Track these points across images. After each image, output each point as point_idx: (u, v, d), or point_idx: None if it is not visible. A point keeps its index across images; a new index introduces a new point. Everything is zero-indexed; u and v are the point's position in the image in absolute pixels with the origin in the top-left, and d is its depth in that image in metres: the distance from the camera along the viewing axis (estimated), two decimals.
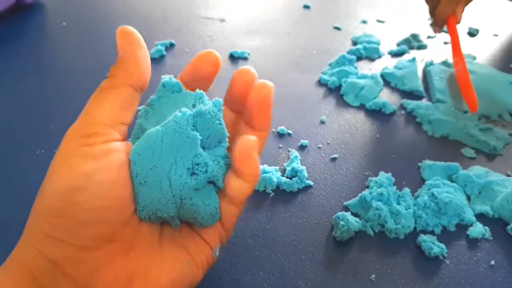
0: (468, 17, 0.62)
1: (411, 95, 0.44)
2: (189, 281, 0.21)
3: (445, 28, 0.49)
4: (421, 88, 0.44)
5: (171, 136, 0.20)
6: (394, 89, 0.45)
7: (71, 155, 0.18)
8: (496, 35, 0.58)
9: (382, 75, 0.46)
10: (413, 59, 0.49)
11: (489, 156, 0.37)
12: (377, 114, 0.41)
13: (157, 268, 0.20)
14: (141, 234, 0.20)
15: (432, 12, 0.48)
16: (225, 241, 0.23)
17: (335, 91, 0.44)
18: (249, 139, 0.20)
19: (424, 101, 0.43)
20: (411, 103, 0.42)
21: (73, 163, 0.18)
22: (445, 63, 0.49)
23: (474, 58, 0.52)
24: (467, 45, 0.55)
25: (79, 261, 0.18)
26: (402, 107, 0.43)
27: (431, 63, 0.49)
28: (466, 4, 0.46)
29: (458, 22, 0.46)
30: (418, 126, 0.40)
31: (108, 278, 0.19)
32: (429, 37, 0.56)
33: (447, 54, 0.51)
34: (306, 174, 0.34)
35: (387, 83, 0.46)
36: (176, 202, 0.21)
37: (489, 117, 0.42)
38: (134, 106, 0.22)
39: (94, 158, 0.18)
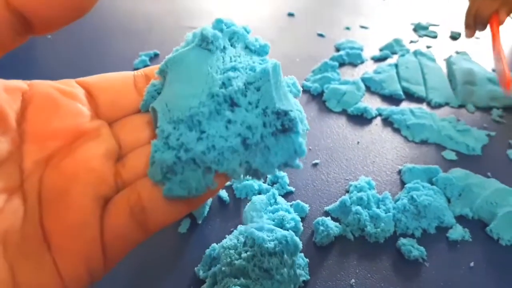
0: (450, 22, 0.63)
1: (391, 98, 0.45)
2: None
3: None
4: (400, 92, 0.45)
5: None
6: (375, 93, 0.46)
7: None
8: (477, 38, 0.59)
9: (362, 80, 0.47)
10: (392, 64, 0.50)
11: (470, 157, 0.38)
12: (358, 119, 0.42)
13: None
14: None
15: (471, 12, 0.47)
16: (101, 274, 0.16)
17: (317, 97, 0.45)
18: None
19: (402, 106, 0.44)
20: (385, 110, 0.42)
21: None
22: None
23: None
24: (449, 48, 0.55)
25: None
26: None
27: (453, 61, 0.51)
28: (511, 10, 0.45)
29: (502, 23, 0.45)
30: (398, 130, 0.41)
31: None
32: (411, 41, 0.57)
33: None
34: (287, 181, 0.34)
35: (367, 88, 0.46)
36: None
37: (465, 105, 0.45)
38: None
39: None
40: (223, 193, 0.32)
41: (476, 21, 0.47)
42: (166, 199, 0.16)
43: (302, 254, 0.27)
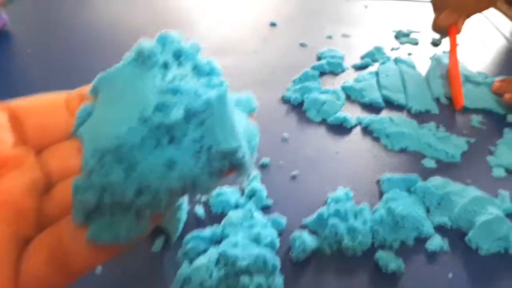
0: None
1: (371, 107, 0.44)
2: None
3: None
4: (380, 100, 0.45)
5: None
6: (355, 102, 0.45)
7: None
8: (457, 44, 0.59)
9: (342, 89, 0.47)
10: (373, 72, 0.50)
11: (449, 165, 0.37)
12: (338, 128, 0.42)
13: None
14: None
15: (434, 23, 0.52)
16: None
17: (297, 107, 0.45)
18: None
19: (382, 114, 0.43)
20: (365, 119, 0.42)
21: None
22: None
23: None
24: (431, 54, 0.56)
25: None
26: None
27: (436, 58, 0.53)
28: (468, 17, 0.49)
29: (459, 32, 0.50)
30: (377, 139, 0.40)
31: None
32: (393, 49, 0.57)
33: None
34: (265, 194, 0.33)
35: (348, 97, 0.46)
36: None
37: (438, 98, 0.46)
38: None
39: None
40: (199, 209, 0.32)
41: (438, 30, 0.52)
42: (91, 243, 0.14)
43: (278, 271, 0.27)
